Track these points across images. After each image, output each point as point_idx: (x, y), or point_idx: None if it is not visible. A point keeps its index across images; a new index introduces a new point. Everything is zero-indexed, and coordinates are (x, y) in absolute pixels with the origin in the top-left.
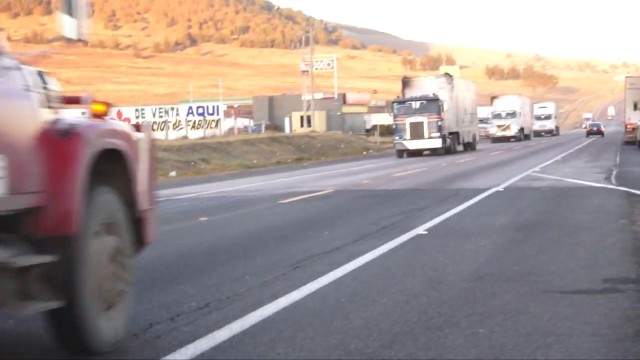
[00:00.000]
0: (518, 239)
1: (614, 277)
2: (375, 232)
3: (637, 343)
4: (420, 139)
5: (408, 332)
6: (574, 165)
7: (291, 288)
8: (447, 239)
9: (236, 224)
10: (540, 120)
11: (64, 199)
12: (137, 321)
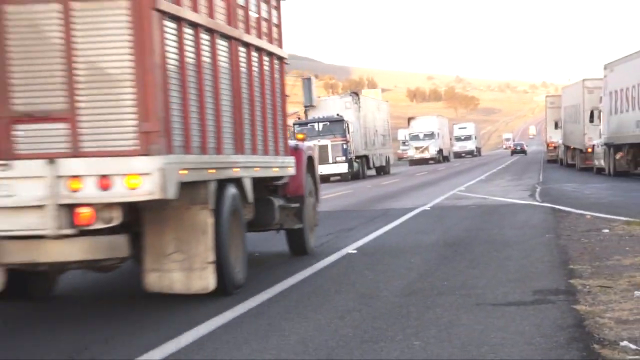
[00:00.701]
0: (447, 255)
1: (544, 288)
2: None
3: (569, 350)
4: (324, 163)
5: (343, 346)
6: (499, 183)
7: (227, 307)
8: (378, 257)
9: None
10: (461, 141)
11: (298, 179)
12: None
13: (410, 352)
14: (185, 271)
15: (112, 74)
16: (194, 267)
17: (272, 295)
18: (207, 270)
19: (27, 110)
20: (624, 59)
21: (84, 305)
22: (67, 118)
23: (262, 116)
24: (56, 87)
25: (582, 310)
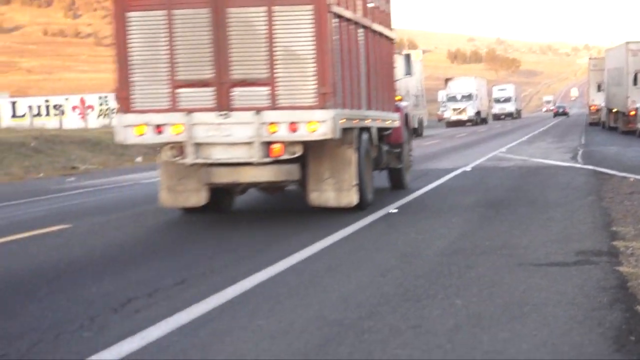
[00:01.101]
0: (489, 215)
1: (587, 250)
2: (347, 210)
3: (612, 311)
4: None
5: (385, 303)
6: (540, 146)
7: (268, 263)
8: (419, 216)
9: None
10: (500, 102)
11: (399, 130)
12: (115, 296)
13: (452, 311)
14: (336, 191)
15: (300, 54)
16: (343, 188)
17: (313, 252)
18: (352, 191)
19: (241, 78)
20: None
21: (244, 219)
22: (268, 84)
23: (382, 82)
24: (261, 62)
25: (625, 271)
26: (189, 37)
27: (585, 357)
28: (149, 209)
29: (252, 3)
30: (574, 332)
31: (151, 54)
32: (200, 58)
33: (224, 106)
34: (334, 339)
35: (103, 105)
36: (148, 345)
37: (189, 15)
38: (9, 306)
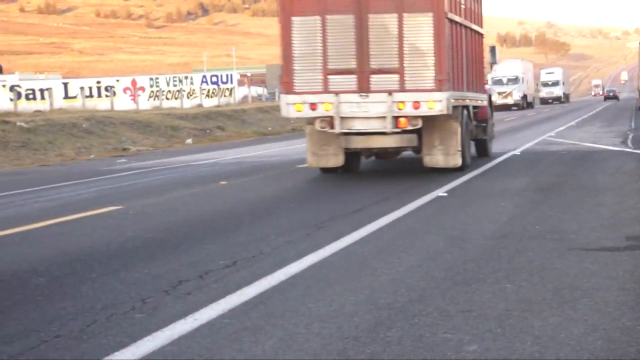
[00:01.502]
0: (538, 199)
1: (638, 235)
2: (396, 193)
3: None
4: None
5: (435, 287)
6: (589, 130)
7: (317, 247)
8: (468, 200)
9: (257, 187)
10: (548, 86)
11: (485, 108)
12: (166, 278)
13: (503, 295)
14: (444, 155)
15: (423, 49)
16: (449, 152)
17: (364, 234)
18: (457, 155)
19: (377, 67)
20: None
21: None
22: (398, 72)
23: (476, 69)
24: (393, 56)
25: None
26: (338, 36)
27: (636, 342)
28: (199, 190)
29: (387, 10)
30: (624, 317)
31: (309, 49)
32: (346, 52)
33: (364, 89)
34: (384, 322)
35: (154, 87)
36: (200, 327)
37: (338, 19)
38: (63, 287)
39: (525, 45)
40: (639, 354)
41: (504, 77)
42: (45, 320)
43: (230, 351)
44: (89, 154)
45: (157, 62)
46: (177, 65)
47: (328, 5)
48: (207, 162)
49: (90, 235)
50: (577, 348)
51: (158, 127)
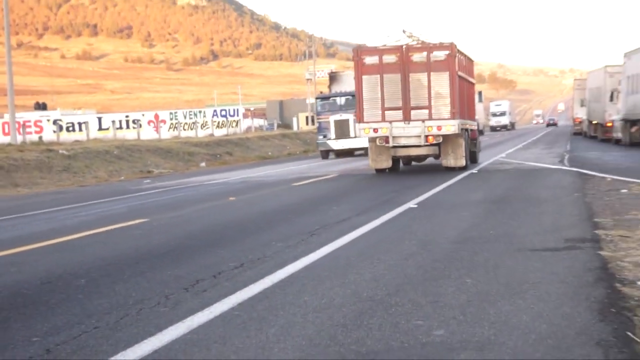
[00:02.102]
0: (492, 209)
1: (574, 237)
2: (374, 206)
3: (596, 288)
4: (346, 138)
5: (408, 283)
6: (533, 152)
7: (310, 250)
8: (434, 210)
9: (260, 202)
10: (496, 116)
11: (475, 130)
12: (186, 278)
13: (464, 288)
14: (454, 159)
15: (442, 94)
16: (457, 157)
17: (349, 240)
18: (462, 159)
19: (415, 105)
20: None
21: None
22: (428, 107)
23: (470, 106)
24: (424, 98)
25: (605, 255)
26: (390, 87)
27: (574, 326)
28: (212, 205)
29: (420, 71)
30: (565, 305)
31: (373, 95)
32: (395, 97)
33: (407, 119)
34: (367, 312)
35: (173, 119)
36: (214, 319)
37: (391, 77)
38: (100, 287)
39: (480, 82)
40: (577, 335)
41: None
42: (86, 314)
43: (239, 338)
44: (119, 176)
45: (175, 99)
46: (192, 101)
47: (384, 68)
48: (218, 182)
49: (121, 243)
50: (525, 331)
51: (177, 153)
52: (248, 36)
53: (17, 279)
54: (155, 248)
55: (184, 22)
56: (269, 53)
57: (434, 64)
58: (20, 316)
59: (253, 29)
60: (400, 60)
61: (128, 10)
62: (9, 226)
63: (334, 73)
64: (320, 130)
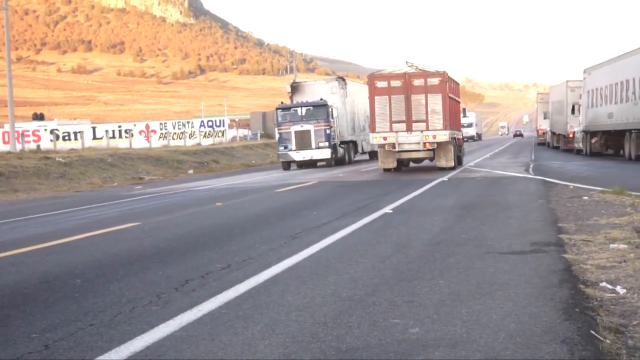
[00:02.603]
0: (463, 214)
1: (539, 241)
2: (352, 211)
3: (561, 289)
4: (307, 149)
5: (385, 283)
6: (500, 161)
7: (293, 253)
8: (409, 216)
9: (245, 207)
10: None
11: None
12: (176, 278)
13: (437, 289)
14: (445, 161)
15: (437, 110)
16: (448, 160)
17: (329, 243)
18: (452, 161)
19: (415, 119)
20: (599, 65)
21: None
22: (425, 121)
23: (457, 119)
24: (423, 114)
25: (569, 258)
26: (396, 105)
27: (541, 325)
28: (200, 210)
29: (420, 93)
30: (531, 305)
31: (382, 111)
32: (400, 112)
33: (409, 130)
34: (346, 311)
35: (163, 130)
36: (203, 317)
37: (397, 97)
38: (95, 286)
39: None
40: (544, 333)
41: None
42: (82, 312)
43: (227, 335)
44: (112, 182)
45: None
46: (181, 112)
47: (391, 91)
48: (205, 188)
49: (115, 245)
50: (495, 329)
51: (166, 160)
52: (233, 52)
53: (16, 278)
54: (146, 250)
55: (173, 39)
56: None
57: (430, 88)
58: (20, 314)
59: (238, 45)
60: (404, 84)
61: (121, 27)
62: (8, 229)
63: (297, 83)
64: (281, 141)
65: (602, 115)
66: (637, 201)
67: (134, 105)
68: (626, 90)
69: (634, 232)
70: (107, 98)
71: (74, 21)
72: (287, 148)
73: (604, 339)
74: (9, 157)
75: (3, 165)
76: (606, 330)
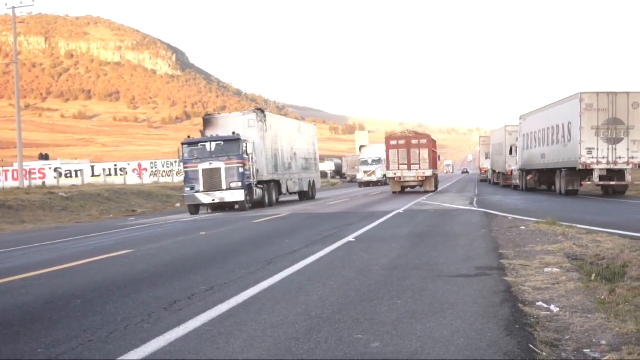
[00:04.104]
0: (416, 242)
1: (483, 266)
2: (320, 240)
3: (503, 307)
4: (217, 190)
5: (349, 303)
6: (448, 196)
7: (268, 276)
8: (369, 243)
9: (225, 236)
10: None
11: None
12: (165, 299)
13: (395, 308)
14: (430, 187)
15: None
16: (431, 186)
17: (299, 268)
18: (434, 187)
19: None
20: (533, 112)
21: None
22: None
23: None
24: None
25: (509, 281)
26: (402, 154)
27: (486, 339)
28: (186, 238)
29: (416, 147)
30: (477, 322)
31: (393, 158)
32: (404, 158)
33: (409, 169)
34: (315, 328)
35: (153, 168)
36: (189, 333)
37: (402, 150)
38: (93, 306)
39: None
40: (488, 347)
41: (369, 158)
42: (82, 330)
43: (210, 349)
44: (109, 215)
45: (155, 152)
46: (169, 153)
47: (399, 146)
48: (191, 219)
49: (111, 269)
50: (446, 344)
51: (157, 195)
52: (215, 100)
53: (25, 300)
54: (139, 274)
55: (163, 89)
56: None
57: (421, 144)
58: (28, 331)
59: (219, 94)
60: (406, 142)
61: (117, 79)
62: (19, 255)
63: (210, 116)
64: (187, 181)
65: (536, 155)
66: (567, 230)
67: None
68: (556, 134)
69: (565, 257)
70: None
71: (75, 73)
72: (193, 189)
73: (541, 352)
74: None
75: (12, 200)
76: (543, 344)
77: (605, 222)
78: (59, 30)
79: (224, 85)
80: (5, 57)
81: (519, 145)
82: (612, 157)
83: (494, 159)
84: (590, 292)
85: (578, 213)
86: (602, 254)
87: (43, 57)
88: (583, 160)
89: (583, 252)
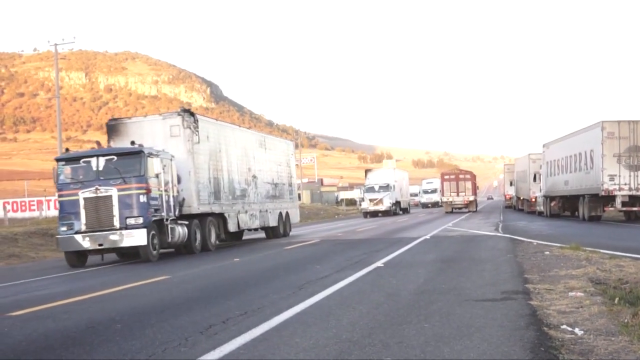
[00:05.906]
0: (443, 267)
1: (509, 290)
2: (349, 265)
3: (528, 330)
4: (105, 229)
5: (379, 327)
6: (473, 222)
7: (300, 301)
8: (397, 269)
9: (258, 262)
10: (428, 193)
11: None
12: (201, 324)
13: (423, 331)
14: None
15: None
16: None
17: (330, 293)
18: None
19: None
20: (556, 140)
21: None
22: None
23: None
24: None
25: (534, 304)
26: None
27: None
28: (221, 265)
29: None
30: (503, 345)
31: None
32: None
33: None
34: (346, 351)
35: None
36: (224, 356)
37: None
38: (133, 330)
39: (430, 167)
40: None
41: (376, 184)
42: (122, 353)
43: None
44: None
45: None
46: None
47: (450, 179)
48: (223, 245)
49: (149, 295)
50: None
51: None
52: None
53: (67, 324)
54: (175, 299)
55: None
56: None
57: (466, 178)
58: (69, 354)
59: (252, 125)
60: (455, 177)
61: (154, 111)
62: (60, 282)
63: (116, 121)
64: (62, 215)
65: (560, 182)
66: (590, 255)
67: None
68: (579, 162)
69: (589, 281)
70: None
71: (114, 106)
72: (71, 228)
73: None
74: None
75: (54, 228)
76: None
77: (628, 247)
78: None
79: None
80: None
81: (542, 173)
82: (634, 183)
83: (518, 185)
84: (613, 316)
85: (601, 238)
86: (625, 278)
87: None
88: (605, 186)
89: (606, 276)
